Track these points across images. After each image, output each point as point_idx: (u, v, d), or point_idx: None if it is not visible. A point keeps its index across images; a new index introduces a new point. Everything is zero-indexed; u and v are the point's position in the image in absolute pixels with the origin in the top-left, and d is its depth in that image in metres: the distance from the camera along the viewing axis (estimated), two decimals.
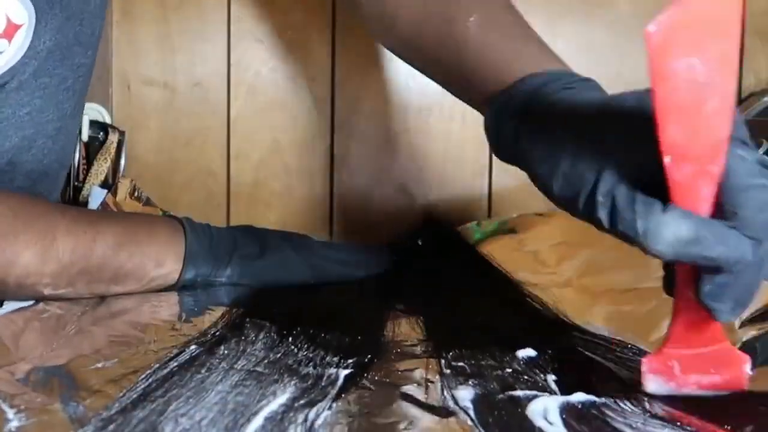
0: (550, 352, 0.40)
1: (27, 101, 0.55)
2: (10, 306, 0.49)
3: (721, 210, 0.32)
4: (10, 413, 0.31)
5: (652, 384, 0.35)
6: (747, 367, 0.35)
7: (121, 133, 0.76)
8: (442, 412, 0.33)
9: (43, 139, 0.57)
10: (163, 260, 0.54)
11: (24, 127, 0.55)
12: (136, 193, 0.74)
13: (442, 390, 0.35)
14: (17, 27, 0.51)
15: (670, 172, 0.31)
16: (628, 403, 0.34)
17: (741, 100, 0.79)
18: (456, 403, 0.34)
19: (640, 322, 0.48)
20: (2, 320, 0.45)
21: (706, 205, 0.32)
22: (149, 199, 0.74)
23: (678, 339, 0.35)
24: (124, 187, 0.73)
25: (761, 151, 0.60)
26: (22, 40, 0.52)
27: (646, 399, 0.34)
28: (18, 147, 0.55)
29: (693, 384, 0.35)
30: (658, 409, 0.33)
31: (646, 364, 0.35)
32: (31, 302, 0.50)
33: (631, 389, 0.35)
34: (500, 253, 0.66)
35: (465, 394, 0.35)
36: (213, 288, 0.56)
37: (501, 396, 0.34)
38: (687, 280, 0.33)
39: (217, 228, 0.58)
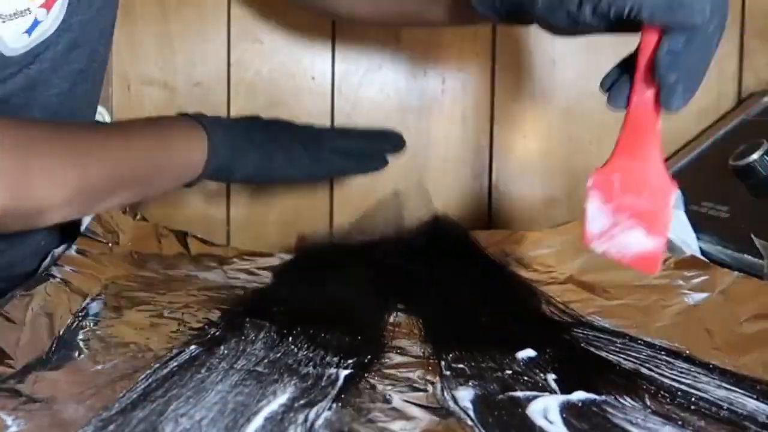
0: (549, 351, 0.40)
1: (56, 83, 0.56)
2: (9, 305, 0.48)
3: None
4: (9, 419, 0.31)
5: (592, 205, 0.39)
6: (672, 198, 0.38)
7: None
8: (442, 412, 0.33)
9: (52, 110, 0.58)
10: (191, 156, 0.57)
11: (51, 109, 0.56)
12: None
13: (442, 390, 0.35)
14: None
15: None
16: (628, 400, 0.34)
17: (741, 100, 0.79)
18: (456, 403, 0.34)
19: (640, 313, 0.48)
20: (2, 319, 0.45)
21: None
22: (143, 216, 0.74)
23: (623, 149, 0.39)
24: None
25: (761, 151, 0.59)
26: (58, 11, 0.53)
27: (647, 395, 0.34)
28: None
29: (627, 209, 0.38)
30: (659, 406, 0.33)
31: (592, 177, 0.40)
32: (30, 297, 0.50)
33: (632, 385, 0.35)
34: (500, 257, 0.66)
35: (465, 394, 0.35)
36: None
37: (501, 396, 0.34)
38: (647, 64, 0.37)
39: (233, 120, 0.62)
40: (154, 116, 0.64)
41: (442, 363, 0.39)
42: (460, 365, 0.39)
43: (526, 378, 0.37)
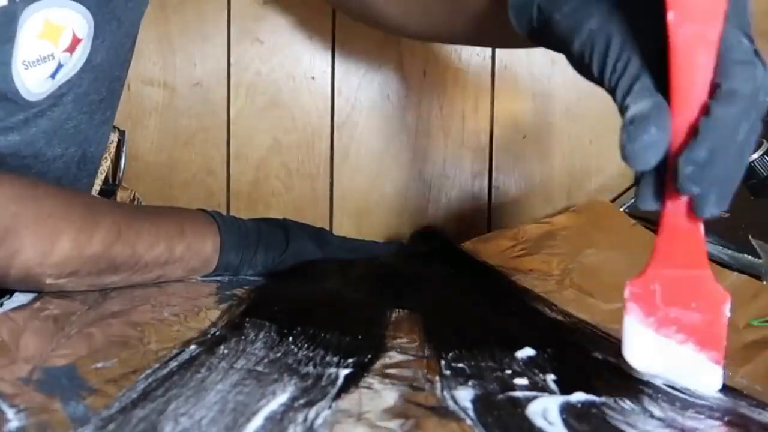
0: (549, 351, 0.40)
1: (74, 115, 0.56)
2: (10, 304, 0.49)
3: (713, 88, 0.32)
4: (10, 413, 0.31)
5: (631, 319, 0.35)
6: (726, 308, 0.34)
7: (121, 133, 0.76)
8: (442, 412, 0.33)
9: (74, 148, 0.58)
10: (201, 252, 0.57)
11: (68, 139, 0.56)
12: (135, 203, 0.74)
13: (442, 390, 0.35)
14: (79, 41, 0.52)
15: (673, 32, 0.31)
16: (628, 402, 0.34)
17: None
18: (456, 403, 0.34)
19: None
20: (2, 319, 0.45)
21: (702, 75, 0.32)
22: None
23: (662, 255, 0.34)
24: (122, 199, 0.74)
25: (761, 151, 0.60)
26: (80, 53, 0.53)
27: (645, 398, 0.34)
28: (56, 156, 0.56)
29: (673, 323, 0.34)
30: (658, 409, 0.33)
31: (628, 286, 0.35)
32: (30, 299, 0.50)
33: (632, 388, 0.35)
34: (500, 258, 0.66)
35: (465, 394, 0.34)
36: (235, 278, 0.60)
37: (501, 396, 0.34)
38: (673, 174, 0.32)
39: (243, 219, 0.63)
40: (168, 206, 0.65)
41: (442, 362, 0.39)
42: (460, 365, 0.39)
43: (525, 377, 0.37)
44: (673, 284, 0.34)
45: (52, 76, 0.52)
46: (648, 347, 0.35)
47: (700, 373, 0.35)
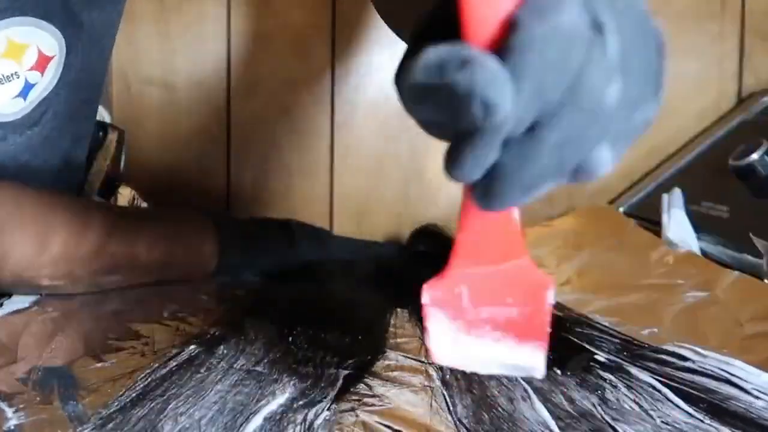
0: (549, 351, 0.40)
1: (58, 125, 0.56)
2: (10, 304, 0.49)
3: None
4: (10, 412, 0.31)
5: (435, 324, 0.29)
6: (550, 295, 0.28)
7: (121, 132, 0.76)
8: (441, 414, 0.33)
9: (62, 152, 0.58)
10: (200, 253, 0.57)
11: (54, 147, 0.56)
12: (135, 202, 0.74)
13: (442, 392, 0.35)
14: (49, 59, 0.52)
15: None
16: (627, 402, 0.34)
17: (741, 100, 0.79)
18: (455, 404, 0.34)
19: (641, 312, 0.48)
20: (1, 321, 0.45)
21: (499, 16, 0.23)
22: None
23: (466, 253, 0.28)
24: (124, 198, 0.73)
25: (761, 151, 0.59)
26: (54, 71, 0.52)
27: (646, 398, 0.34)
28: (41, 165, 0.56)
29: (485, 323, 0.28)
30: (658, 409, 0.33)
31: (427, 291, 0.29)
32: (29, 302, 0.50)
33: (633, 388, 0.35)
34: None
35: (464, 395, 0.35)
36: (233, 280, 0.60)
37: (500, 398, 0.34)
38: None
39: (243, 220, 0.63)
40: (167, 207, 0.66)
41: None
42: None
43: (525, 379, 0.37)
44: (483, 283, 0.28)
45: (23, 96, 0.52)
46: (458, 348, 0.29)
47: (522, 362, 0.29)
